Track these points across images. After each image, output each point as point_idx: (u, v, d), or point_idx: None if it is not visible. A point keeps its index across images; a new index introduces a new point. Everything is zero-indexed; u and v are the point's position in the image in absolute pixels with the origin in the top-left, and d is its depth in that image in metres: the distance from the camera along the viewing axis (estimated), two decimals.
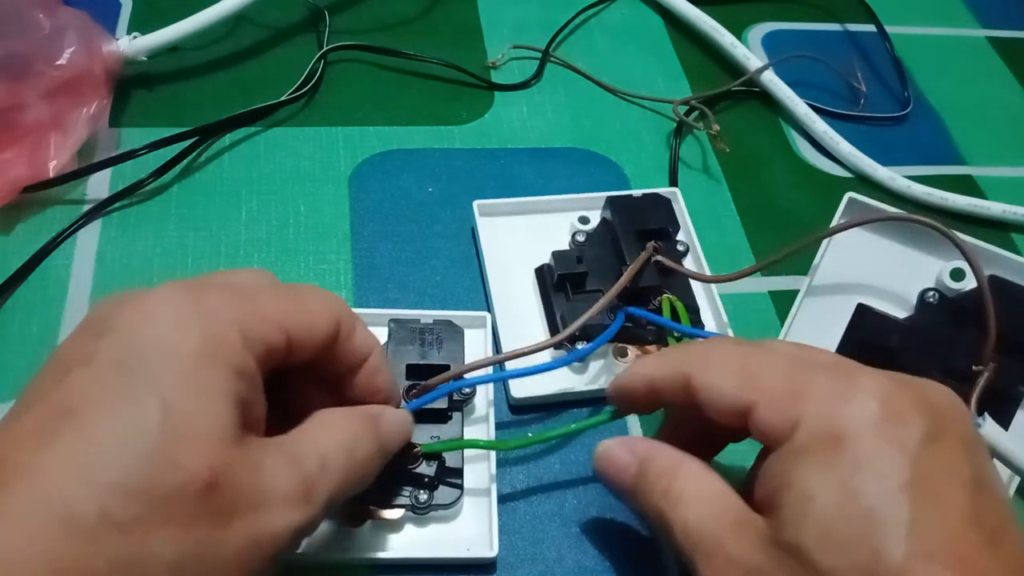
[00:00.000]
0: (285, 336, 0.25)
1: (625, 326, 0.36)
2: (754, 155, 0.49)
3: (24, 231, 0.40)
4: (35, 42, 0.41)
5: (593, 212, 0.41)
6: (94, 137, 0.43)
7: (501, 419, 0.37)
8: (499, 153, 0.47)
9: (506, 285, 0.40)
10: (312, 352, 0.26)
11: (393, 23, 0.53)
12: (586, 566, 0.33)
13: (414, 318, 0.36)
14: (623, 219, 0.39)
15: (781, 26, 0.58)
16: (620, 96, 0.51)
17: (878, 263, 0.39)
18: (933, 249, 0.38)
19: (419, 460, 0.32)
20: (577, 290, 0.38)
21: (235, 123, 0.46)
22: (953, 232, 0.35)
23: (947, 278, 0.37)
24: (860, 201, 0.39)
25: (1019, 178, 0.51)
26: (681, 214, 0.43)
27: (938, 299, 0.37)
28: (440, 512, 0.32)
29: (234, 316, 0.23)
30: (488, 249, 0.41)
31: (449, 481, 0.32)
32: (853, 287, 0.39)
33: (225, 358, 0.23)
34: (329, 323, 0.26)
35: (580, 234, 0.40)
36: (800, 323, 0.39)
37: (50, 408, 0.21)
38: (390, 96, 0.49)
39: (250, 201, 0.43)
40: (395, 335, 0.35)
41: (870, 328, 0.36)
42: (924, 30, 0.60)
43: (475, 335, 0.37)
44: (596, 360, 0.38)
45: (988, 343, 0.33)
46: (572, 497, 0.35)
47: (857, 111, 0.53)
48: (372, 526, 0.32)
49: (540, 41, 0.53)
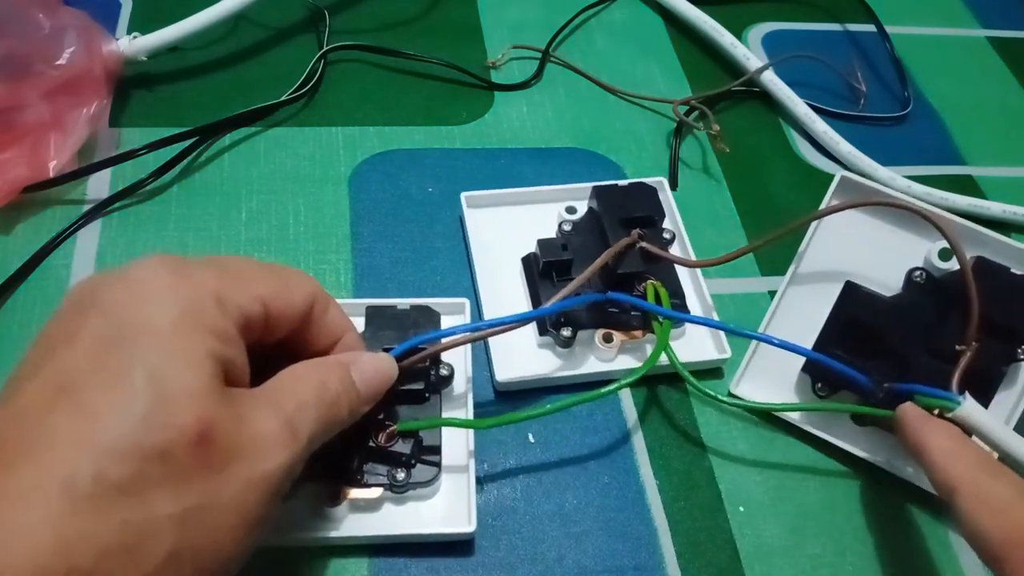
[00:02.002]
0: (263, 307, 0.26)
1: (611, 311, 0.37)
2: (754, 155, 0.49)
3: (24, 231, 0.40)
4: (35, 42, 0.41)
5: (580, 202, 0.42)
6: (94, 137, 0.43)
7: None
8: (499, 153, 0.47)
9: (493, 275, 0.40)
10: (289, 326, 0.27)
11: (393, 23, 0.53)
12: (586, 566, 0.33)
13: (391, 304, 0.36)
14: (609, 208, 0.40)
15: (781, 26, 0.58)
16: (620, 96, 0.51)
17: (867, 243, 0.39)
18: (921, 230, 0.38)
19: (396, 438, 0.32)
20: (562, 277, 0.39)
21: (235, 123, 0.45)
22: (936, 214, 0.36)
23: (935, 258, 0.37)
24: (853, 180, 0.39)
25: (1019, 178, 0.51)
26: (667, 203, 0.43)
27: (925, 278, 0.38)
28: (418, 490, 0.33)
29: (213, 287, 0.25)
30: (476, 240, 0.41)
31: (427, 459, 0.33)
32: (842, 266, 0.39)
33: (204, 323, 0.24)
34: (304, 299, 0.28)
35: (567, 223, 0.41)
36: (789, 301, 0.39)
37: (42, 386, 0.22)
38: (390, 96, 0.49)
39: (250, 201, 0.43)
40: (372, 321, 0.35)
41: (857, 306, 0.37)
42: (924, 30, 0.60)
43: (453, 321, 0.38)
44: (581, 345, 0.38)
45: (971, 324, 0.34)
46: (572, 497, 0.35)
47: (857, 111, 0.53)
48: (350, 505, 0.32)
49: (540, 41, 0.53)
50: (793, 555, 0.35)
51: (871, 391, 0.35)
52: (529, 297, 0.40)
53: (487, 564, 0.33)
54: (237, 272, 0.26)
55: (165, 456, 0.21)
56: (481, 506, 0.34)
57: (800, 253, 0.40)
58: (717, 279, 0.43)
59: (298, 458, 0.25)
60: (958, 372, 0.33)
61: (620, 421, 0.38)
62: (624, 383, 0.34)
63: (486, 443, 0.36)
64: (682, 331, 0.40)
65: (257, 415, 0.24)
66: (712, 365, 0.39)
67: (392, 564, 0.32)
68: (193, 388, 0.22)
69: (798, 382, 0.39)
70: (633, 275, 0.38)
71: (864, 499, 0.37)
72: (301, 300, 0.28)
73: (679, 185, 0.47)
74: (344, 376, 0.28)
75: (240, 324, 0.25)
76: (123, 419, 0.21)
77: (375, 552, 0.33)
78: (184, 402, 0.22)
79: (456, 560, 0.33)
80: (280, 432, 0.24)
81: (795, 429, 0.38)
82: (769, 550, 0.35)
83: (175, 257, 0.25)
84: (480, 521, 0.34)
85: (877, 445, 0.37)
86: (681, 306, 0.38)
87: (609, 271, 0.37)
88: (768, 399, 0.38)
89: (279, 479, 0.24)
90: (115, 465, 0.20)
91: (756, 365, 0.39)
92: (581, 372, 0.38)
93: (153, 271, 0.24)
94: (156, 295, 0.24)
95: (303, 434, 0.25)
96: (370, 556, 0.33)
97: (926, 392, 0.33)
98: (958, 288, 0.34)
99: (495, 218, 0.43)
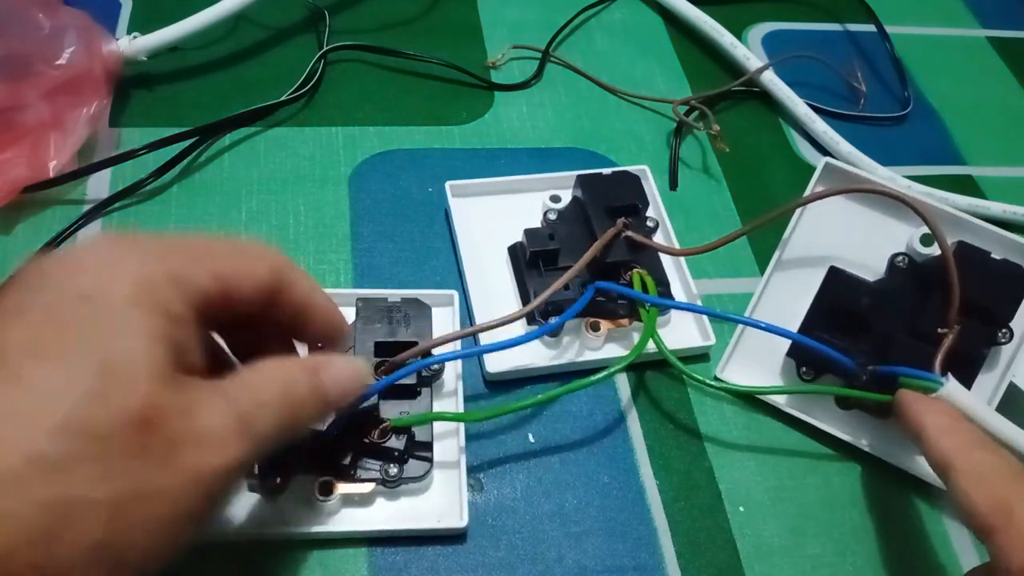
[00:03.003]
0: (219, 282, 0.25)
1: (597, 300, 0.37)
2: (754, 155, 0.49)
3: (24, 231, 0.40)
4: (35, 42, 0.41)
5: (564, 191, 0.42)
6: (94, 137, 0.43)
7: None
8: (499, 153, 0.47)
9: (480, 265, 0.41)
10: (253, 299, 0.26)
11: (393, 23, 0.53)
12: (586, 566, 0.33)
13: (381, 296, 0.36)
14: (593, 197, 0.40)
15: (781, 26, 0.58)
16: (620, 96, 0.51)
17: (851, 229, 0.40)
18: (904, 216, 0.39)
19: (389, 434, 0.32)
20: (549, 267, 0.39)
21: (235, 123, 0.45)
22: (917, 200, 0.36)
23: (917, 243, 0.38)
24: (837, 167, 0.39)
25: (1019, 178, 0.51)
26: (650, 191, 0.43)
27: (907, 263, 0.38)
28: (410, 485, 0.33)
29: (166, 263, 0.24)
30: (461, 229, 0.42)
31: (419, 455, 0.33)
32: (826, 251, 0.40)
33: (155, 302, 0.23)
34: (267, 271, 0.26)
35: (552, 212, 0.41)
36: (774, 286, 0.40)
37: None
38: (390, 96, 0.49)
39: (250, 201, 0.43)
40: (363, 313, 0.35)
41: (841, 290, 0.37)
42: (924, 30, 0.60)
43: (443, 312, 0.38)
44: (569, 335, 0.39)
45: (952, 307, 0.34)
46: (572, 497, 0.35)
47: (857, 111, 0.53)
48: (343, 500, 0.33)
49: (540, 41, 0.53)
50: (793, 555, 0.35)
51: (855, 374, 0.35)
52: (516, 286, 0.40)
53: (487, 563, 0.33)
54: (192, 248, 0.25)
55: (103, 437, 0.20)
56: (481, 506, 0.34)
57: (785, 239, 0.40)
58: (718, 280, 0.43)
59: (249, 457, 0.24)
60: (941, 354, 0.34)
61: (620, 421, 0.38)
62: (614, 370, 0.35)
63: (486, 443, 0.36)
64: (667, 319, 0.40)
65: (209, 408, 0.23)
66: (698, 352, 0.40)
67: (392, 564, 0.32)
68: (141, 369, 0.21)
69: (783, 367, 0.39)
70: (619, 264, 0.38)
71: (864, 498, 0.37)
72: (263, 272, 0.26)
73: (679, 185, 0.47)
74: (313, 379, 0.27)
75: (196, 304, 0.24)
76: (63, 394, 0.20)
77: (374, 551, 0.33)
78: (130, 383, 0.21)
79: (456, 560, 0.33)
80: (231, 428, 0.23)
81: (795, 421, 0.38)
82: (769, 550, 0.35)
83: (129, 233, 0.24)
84: (480, 521, 0.34)
85: (860, 429, 0.38)
86: (666, 293, 0.39)
87: (596, 260, 0.37)
88: (754, 384, 0.38)
89: (224, 476, 0.23)
90: (47, 441, 0.19)
91: (742, 350, 0.39)
92: (570, 361, 0.38)
93: (105, 247, 0.24)
94: (106, 270, 0.23)
95: (258, 434, 0.24)
96: (369, 556, 0.33)
97: (910, 374, 0.33)
98: (940, 272, 0.35)
99: (480, 207, 0.43)
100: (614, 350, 0.39)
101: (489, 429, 0.36)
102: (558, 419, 0.37)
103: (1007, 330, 0.36)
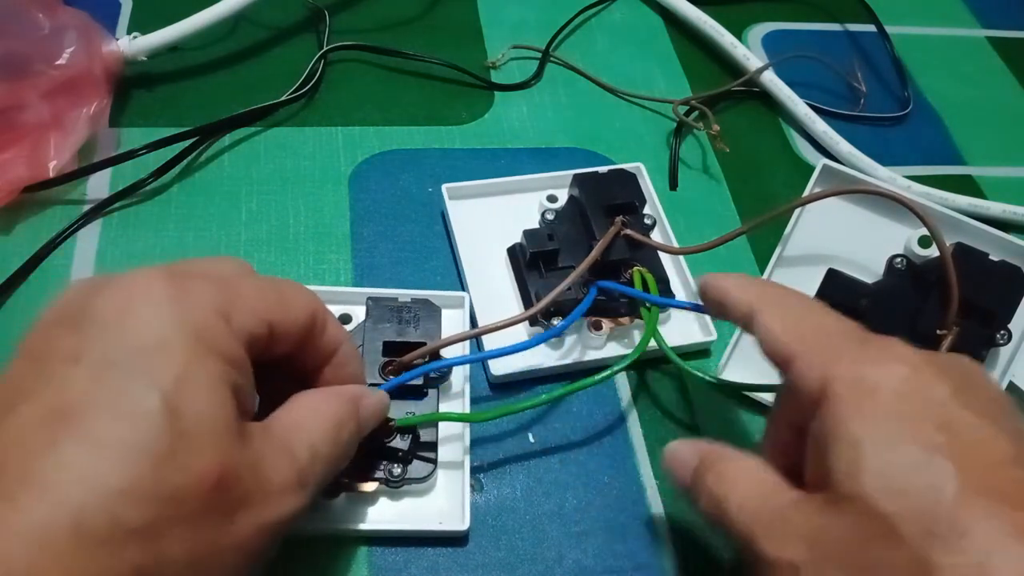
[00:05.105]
0: (267, 327, 0.25)
1: (598, 299, 0.37)
2: (754, 155, 0.49)
3: (24, 231, 0.40)
4: (35, 42, 0.41)
5: (560, 191, 0.42)
6: (94, 137, 0.43)
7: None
8: (499, 153, 0.47)
9: (479, 267, 0.41)
10: (291, 343, 0.26)
11: (393, 23, 0.53)
12: (586, 566, 0.33)
13: (392, 296, 0.36)
14: (591, 195, 0.40)
15: (781, 26, 0.58)
16: (620, 96, 0.51)
17: (850, 231, 0.40)
18: (903, 217, 0.39)
19: (394, 434, 0.32)
20: (550, 267, 0.39)
21: (235, 123, 0.46)
22: (916, 202, 0.36)
23: (915, 245, 0.38)
24: (834, 168, 0.40)
25: (1019, 178, 0.51)
26: (647, 188, 0.43)
27: (906, 265, 0.38)
28: (414, 486, 0.33)
29: (219, 306, 0.23)
30: (459, 231, 0.42)
31: (423, 456, 0.33)
32: (825, 253, 0.40)
33: (216, 348, 0.22)
34: (306, 316, 0.27)
35: (549, 212, 0.41)
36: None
37: (43, 410, 0.20)
38: (390, 96, 0.49)
39: (250, 201, 0.43)
40: (373, 313, 0.35)
41: (839, 292, 0.37)
42: (924, 30, 0.60)
43: (453, 315, 0.38)
44: (571, 335, 0.39)
45: (951, 309, 0.34)
46: (572, 497, 0.35)
47: (857, 111, 0.53)
48: (347, 499, 0.33)
49: (540, 41, 0.53)
50: None
51: None
52: (517, 288, 0.40)
53: (487, 563, 0.33)
54: (237, 288, 0.25)
55: (180, 500, 0.20)
56: (481, 506, 0.34)
57: (785, 236, 0.40)
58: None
59: (306, 506, 0.25)
60: None
61: (620, 421, 0.38)
62: (618, 368, 0.35)
63: (486, 443, 0.36)
64: (667, 316, 0.40)
65: (272, 462, 0.23)
66: (699, 347, 0.40)
67: (392, 563, 0.32)
68: (212, 425, 0.21)
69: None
70: (619, 262, 0.38)
71: None
72: (303, 317, 0.26)
73: (679, 185, 0.47)
74: (356, 417, 0.27)
75: (247, 345, 0.24)
76: (137, 455, 0.20)
77: (374, 550, 0.33)
78: (203, 441, 0.21)
79: (456, 560, 0.33)
80: (292, 480, 0.24)
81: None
82: None
83: (169, 268, 0.24)
84: (480, 520, 0.34)
85: None
86: (666, 290, 0.39)
87: (596, 260, 0.37)
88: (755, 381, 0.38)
89: (286, 525, 0.24)
90: (130, 508, 0.19)
91: (742, 350, 0.39)
92: (573, 361, 0.38)
93: (149, 279, 0.23)
94: (163, 311, 0.22)
95: (312, 482, 0.25)
96: (369, 555, 0.33)
97: None
98: (938, 274, 0.35)
99: (477, 209, 0.43)
100: (615, 348, 0.39)
101: (489, 429, 0.36)
102: (558, 419, 0.37)
103: (1005, 331, 0.36)
